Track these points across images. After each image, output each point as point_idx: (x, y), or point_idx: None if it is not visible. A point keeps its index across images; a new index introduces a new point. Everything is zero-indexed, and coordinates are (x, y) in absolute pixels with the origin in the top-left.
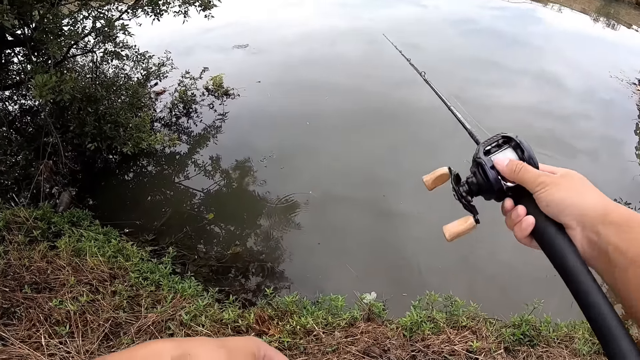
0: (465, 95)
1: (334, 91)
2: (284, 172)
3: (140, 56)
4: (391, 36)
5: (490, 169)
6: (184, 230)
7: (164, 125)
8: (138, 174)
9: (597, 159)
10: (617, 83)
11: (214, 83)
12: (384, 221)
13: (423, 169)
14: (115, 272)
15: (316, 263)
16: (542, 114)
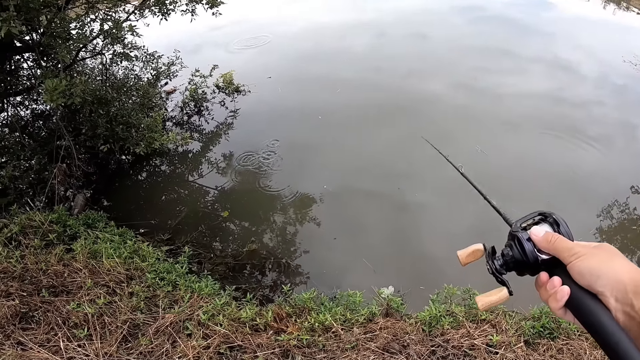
0: (477, 85)
1: (345, 85)
2: (298, 168)
3: (149, 56)
4: (398, 28)
5: (527, 241)
6: (199, 229)
7: (175, 124)
8: (151, 173)
9: (612, 145)
10: (631, 68)
11: (224, 80)
12: (400, 214)
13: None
14: (132, 273)
15: (333, 258)
16: (556, 101)
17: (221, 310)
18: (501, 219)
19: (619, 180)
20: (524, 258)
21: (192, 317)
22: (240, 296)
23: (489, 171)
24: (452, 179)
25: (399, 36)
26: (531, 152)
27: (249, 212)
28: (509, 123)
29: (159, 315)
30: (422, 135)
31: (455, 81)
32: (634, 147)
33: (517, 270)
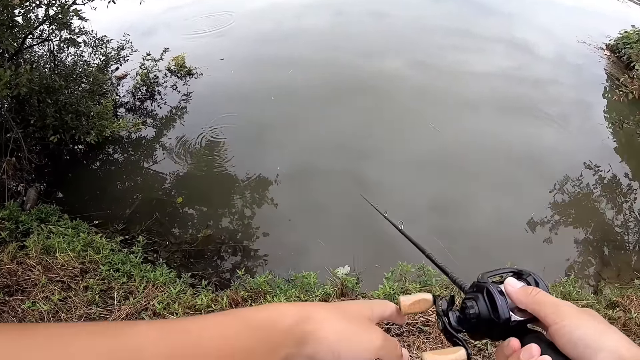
0: (438, 63)
1: (301, 65)
2: (252, 150)
3: (98, 41)
4: (359, 7)
5: (500, 295)
6: (154, 217)
7: (128, 110)
8: (105, 162)
9: (569, 123)
10: (586, 48)
11: (176, 63)
12: (358, 193)
13: (397, 136)
14: (87, 266)
15: (289, 240)
16: (514, 80)
17: (176, 298)
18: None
19: (575, 157)
20: (492, 316)
21: (147, 307)
22: (197, 283)
23: (444, 149)
24: (411, 158)
25: (357, 14)
26: (489, 130)
27: (204, 197)
28: (468, 101)
29: (114, 307)
30: (361, 194)
31: (414, 60)
32: (589, 124)
33: (479, 331)
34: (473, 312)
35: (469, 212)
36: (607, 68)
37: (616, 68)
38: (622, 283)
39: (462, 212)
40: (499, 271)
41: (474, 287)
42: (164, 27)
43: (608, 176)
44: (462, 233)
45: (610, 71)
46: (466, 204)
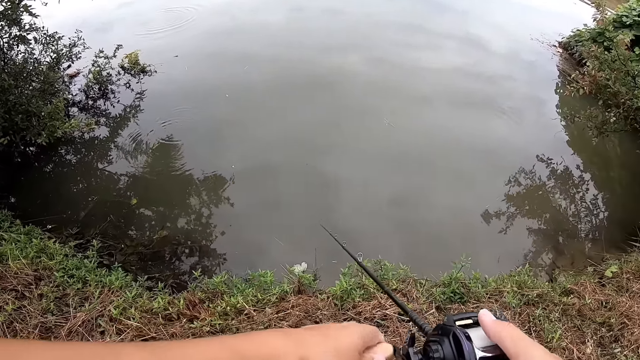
0: (393, 59)
1: (257, 61)
2: (208, 148)
3: (49, 38)
4: (315, 3)
5: (467, 340)
6: (108, 219)
7: (81, 109)
8: (58, 164)
9: (523, 117)
10: (539, 46)
11: (129, 61)
12: (314, 189)
13: (354, 131)
14: (40, 273)
15: (246, 239)
16: (469, 75)
17: (133, 303)
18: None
19: (529, 150)
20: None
21: (103, 313)
22: (154, 286)
23: (402, 143)
24: (368, 153)
25: (313, 11)
26: (445, 124)
27: (160, 198)
28: (424, 96)
29: (70, 315)
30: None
31: (370, 56)
32: (542, 119)
33: None
34: (438, 357)
35: (427, 205)
36: (559, 65)
37: (568, 65)
38: (576, 270)
39: (421, 205)
40: (466, 315)
41: (438, 330)
42: (117, 23)
43: (560, 168)
44: (421, 225)
45: (563, 68)
46: (424, 197)
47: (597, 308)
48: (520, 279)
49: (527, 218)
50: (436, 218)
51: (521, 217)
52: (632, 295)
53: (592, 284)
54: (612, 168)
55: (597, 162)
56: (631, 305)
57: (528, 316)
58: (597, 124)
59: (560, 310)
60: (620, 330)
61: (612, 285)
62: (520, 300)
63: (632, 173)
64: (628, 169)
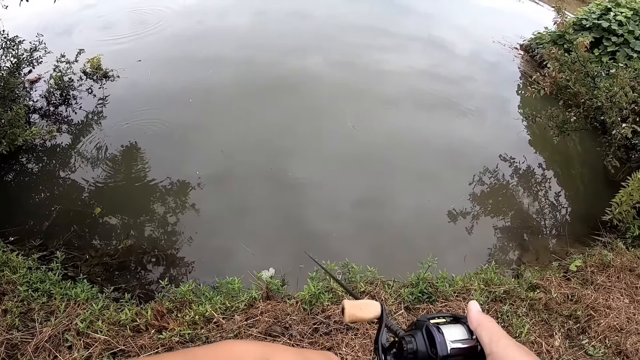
0: (356, 61)
1: (222, 64)
2: (172, 153)
3: (9, 42)
4: (279, 6)
5: (439, 333)
6: (72, 230)
7: (42, 116)
8: (19, 173)
9: (485, 117)
10: (500, 47)
11: (91, 65)
12: (280, 193)
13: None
14: (4, 287)
15: (213, 246)
16: (433, 77)
17: (99, 315)
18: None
19: (492, 149)
20: (429, 352)
21: (70, 327)
22: (121, 297)
23: (366, 145)
24: (333, 155)
25: (277, 13)
26: (409, 125)
27: (124, 205)
28: (387, 98)
29: (36, 330)
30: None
31: (334, 58)
32: (504, 119)
33: None
34: (410, 348)
35: (392, 206)
36: (520, 66)
37: (529, 66)
38: (542, 266)
39: (386, 206)
40: (441, 314)
41: (412, 325)
42: (80, 26)
43: (523, 167)
44: (387, 226)
45: (524, 69)
46: (389, 198)
47: (563, 301)
48: (487, 276)
49: (491, 217)
50: (402, 219)
51: (486, 216)
52: (597, 288)
53: (558, 279)
54: (574, 166)
55: (558, 160)
56: (596, 298)
57: (496, 312)
58: (558, 123)
59: (527, 305)
60: (587, 322)
61: (577, 279)
62: (487, 298)
63: (592, 170)
64: (589, 166)
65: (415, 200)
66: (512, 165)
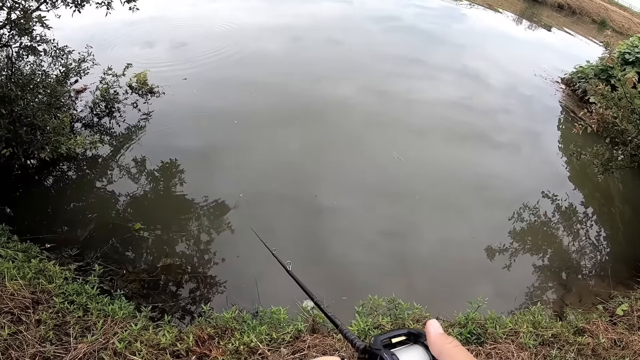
0: (388, 90)
1: (260, 88)
2: (212, 173)
3: (59, 51)
4: (314, 33)
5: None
6: (110, 243)
7: (85, 126)
8: (59, 179)
9: (518, 151)
10: (537, 79)
11: (137, 80)
12: (316, 219)
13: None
14: (38, 296)
15: (251, 270)
16: (465, 108)
17: (138, 336)
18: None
19: (524, 184)
20: None
21: (107, 346)
22: (158, 316)
23: (396, 175)
24: (362, 182)
25: (314, 41)
26: (440, 157)
27: (162, 222)
28: (418, 128)
29: (70, 345)
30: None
31: (366, 86)
32: (539, 154)
33: None
34: None
35: (420, 237)
36: (562, 101)
37: (571, 101)
38: (585, 308)
39: (415, 237)
40: (393, 334)
41: (365, 353)
42: (123, 42)
43: (564, 205)
44: (417, 258)
45: (566, 104)
46: (418, 229)
47: (610, 347)
48: (534, 318)
49: (530, 254)
50: (430, 251)
51: (524, 253)
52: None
53: (604, 323)
54: (614, 204)
55: (599, 197)
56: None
57: (544, 357)
58: (603, 161)
59: (575, 350)
60: None
61: (623, 324)
62: (535, 341)
63: (634, 209)
64: (630, 205)
65: (445, 232)
66: (553, 202)
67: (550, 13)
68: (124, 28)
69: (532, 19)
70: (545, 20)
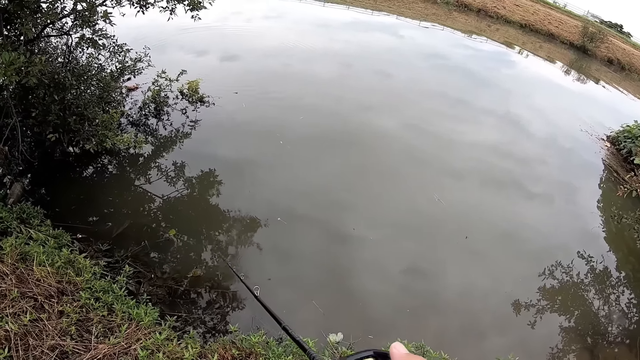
0: (431, 127)
1: (306, 110)
2: (248, 188)
3: (117, 48)
4: (364, 62)
5: None
6: (142, 244)
7: (131, 123)
8: (98, 171)
9: (553, 203)
10: (582, 134)
11: (189, 88)
12: (342, 249)
13: (386, 194)
14: (64, 287)
15: (280, 295)
16: (503, 154)
17: (161, 346)
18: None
19: (555, 238)
20: None
21: (128, 351)
22: (181, 326)
23: (426, 213)
24: (396, 218)
25: (363, 70)
26: (472, 201)
27: (194, 230)
28: (454, 170)
29: (91, 344)
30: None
31: (410, 122)
32: (572, 209)
33: None
34: None
35: (444, 281)
36: (605, 159)
37: (615, 160)
38: None
39: (437, 280)
40: (360, 354)
41: None
42: (175, 47)
43: (600, 267)
44: (438, 302)
45: (609, 162)
46: (442, 272)
47: None
48: None
49: (558, 314)
50: (459, 296)
51: (551, 312)
52: None
53: None
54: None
55: (633, 262)
56: None
57: None
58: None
59: None
60: None
61: None
62: None
63: None
64: None
65: (470, 278)
66: (588, 262)
67: (599, 67)
68: (179, 34)
69: (581, 71)
70: (594, 74)
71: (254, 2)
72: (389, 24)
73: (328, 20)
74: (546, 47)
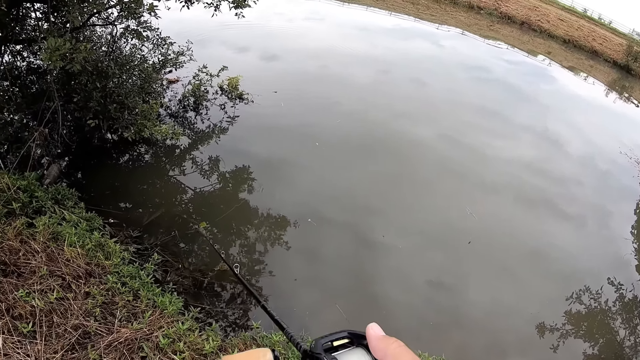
0: (467, 140)
1: (342, 114)
2: (281, 187)
3: (161, 40)
4: (402, 69)
5: None
6: (172, 234)
7: (170, 115)
8: (133, 159)
9: (584, 227)
10: (621, 157)
11: (229, 84)
12: (373, 257)
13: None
14: (92, 269)
15: (304, 296)
16: (539, 171)
17: (183, 336)
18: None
19: (584, 262)
20: None
21: (150, 337)
22: (204, 318)
23: (454, 225)
24: (424, 228)
25: (401, 77)
26: (504, 217)
27: (224, 224)
28: (487, 184)
29: (113, 327)
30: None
31: (446, 132)
32: (605, 232)
33: None
34: None
35: (467, 296)
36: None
37: None
38: None
39: (461, 294)
40: (334, 336)
41: (307, 357)
42: (216, 43)
43: (629, 295)
44: (464, 319)
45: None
46: (469, 287)
47: None
48: None
49: (583, 340)
50: (482, 313)
51: (576, 338)
52: None
53: None
54: None
55: None
56: None
57: None
58: None
59: None
60: None
61: None
62: None
63: None
64: None
65: (495, 295)
66: (617, 290)
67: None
68: (221, 30)
69: (624, 91)
70: (636, 95)
71: (297, 3)
72: (430, 32)
73: (370, 25)
74: (589, 64)
